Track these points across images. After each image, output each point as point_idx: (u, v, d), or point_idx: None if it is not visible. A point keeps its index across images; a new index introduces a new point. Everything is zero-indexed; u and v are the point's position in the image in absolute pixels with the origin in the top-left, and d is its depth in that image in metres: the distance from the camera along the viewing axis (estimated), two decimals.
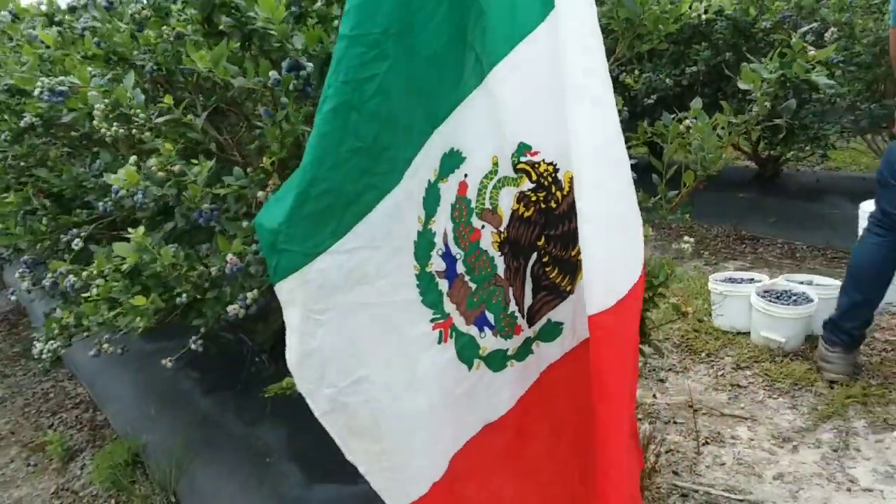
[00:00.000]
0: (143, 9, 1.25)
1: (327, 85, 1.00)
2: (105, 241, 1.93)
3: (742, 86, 1.61)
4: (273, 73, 1.08)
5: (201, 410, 2.09)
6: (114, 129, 1.26)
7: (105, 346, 1.50)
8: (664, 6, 1.59)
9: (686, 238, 1.49)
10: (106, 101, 1.21)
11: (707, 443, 2.13)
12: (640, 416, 2.28)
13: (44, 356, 1.73)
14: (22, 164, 2.17)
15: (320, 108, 1.00)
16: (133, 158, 1.20)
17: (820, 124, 3.70)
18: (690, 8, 1.64)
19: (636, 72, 3.44)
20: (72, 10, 2.47)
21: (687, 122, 1.66)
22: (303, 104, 1.15)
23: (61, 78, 1.64)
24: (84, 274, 1.47)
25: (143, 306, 1.47)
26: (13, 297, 2.18)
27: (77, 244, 1.64)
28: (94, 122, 1.26)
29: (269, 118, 1.12)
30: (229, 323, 1.78)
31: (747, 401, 2.36)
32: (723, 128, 1.60)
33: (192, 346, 1.47)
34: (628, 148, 1.71)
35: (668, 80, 3.70)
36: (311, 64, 1.13)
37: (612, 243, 1.04)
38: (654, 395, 2.41)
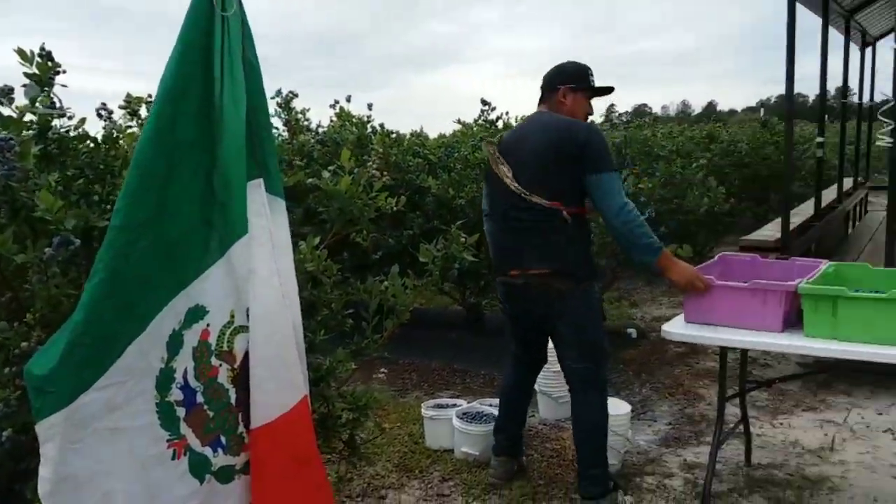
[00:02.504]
0: None
1: (98, 260, 1.32)
2: None
3: (422, 259, 2.27)
4: (48, 249, 1.35)
5: None
6: None
7: None
8: (366, 200, 2.19)
9: (382, 369, 1.99)
10: None
11: None
12: None
13: None
14: None
15: (91, 279, 1.30)
16: None
17: None
18: (385, 201, 2.27)
19: (364, 231, 4.12)
20: None
21: (386, 283, 2.25)
22: (70, 270, 1.41)
23: None
24: None
25: None
26: None
27: None
28: None
29: (41, 284, 1.36)
30: None
31: None
32: (409, 288, 2.21)
33: None
34: (350, 296, 2.25)
35: (391, 240, 4.46)
36: (78, 240, 1.42)
37: (274, 376, 1.55)
38: None
